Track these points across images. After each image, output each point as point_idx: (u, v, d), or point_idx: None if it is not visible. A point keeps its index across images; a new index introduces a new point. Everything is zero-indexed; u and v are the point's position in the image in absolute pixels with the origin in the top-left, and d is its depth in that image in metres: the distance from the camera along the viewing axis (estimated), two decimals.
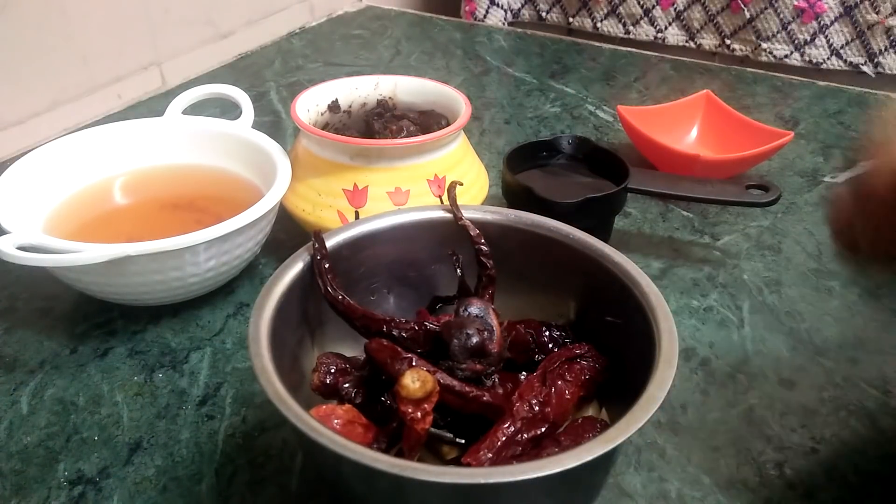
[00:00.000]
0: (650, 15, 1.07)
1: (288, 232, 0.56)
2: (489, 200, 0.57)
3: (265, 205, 0.49)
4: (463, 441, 0.36)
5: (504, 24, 1.16)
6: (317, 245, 0.39)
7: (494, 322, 0.38)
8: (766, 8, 0.99)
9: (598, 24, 1.10)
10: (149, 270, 0.46)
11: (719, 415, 0.44)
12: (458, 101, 0.56)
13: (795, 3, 0.98)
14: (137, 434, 0.42)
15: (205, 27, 0.88)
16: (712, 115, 0.72)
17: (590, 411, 0.39)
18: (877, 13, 0.95)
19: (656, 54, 0.95)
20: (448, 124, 0.55)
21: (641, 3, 1.06)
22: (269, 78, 0.87)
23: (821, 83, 0.87)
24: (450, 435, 0.36)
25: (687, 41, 1.07)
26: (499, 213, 0.43)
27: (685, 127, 0.72)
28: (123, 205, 0.57)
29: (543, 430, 0.36)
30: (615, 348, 0.39)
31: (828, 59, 1.01)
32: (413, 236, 0.43)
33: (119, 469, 0.40)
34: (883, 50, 0.98)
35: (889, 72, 0.99)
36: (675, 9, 1.05)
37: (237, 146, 0.57)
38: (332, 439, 0.29)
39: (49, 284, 0.51)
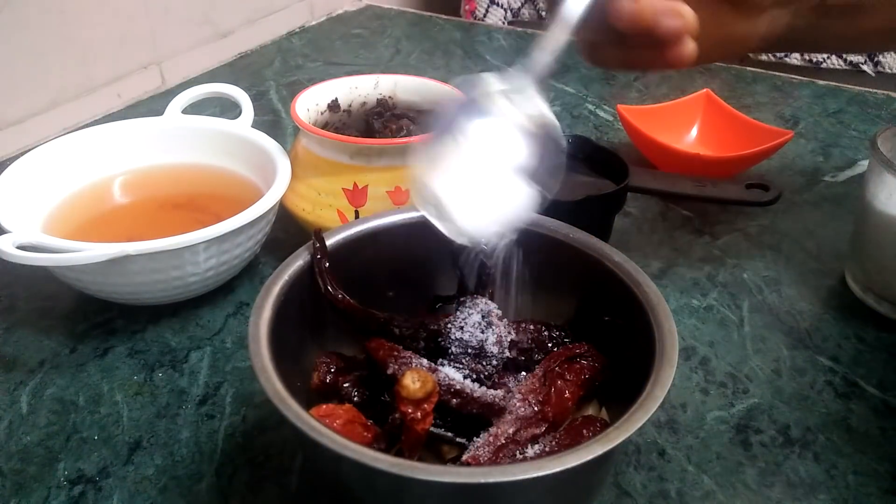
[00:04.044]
0: None
1: (288, 231, 0.56)
2: None
3: (265, 204, 0.49)
4: (463, 441, 0.36)
5: (504, 23, 1.15)
6: (317, 244, 0.39)
7: (495, 322, 0.38)
8: None
9: None
10: (148, 270, 0.46)
11: (719, 414, 0.44)
12: None
13: None
14: (137, 433, 0.42)
15: (204, 26, 0.88)
16: (712, 114, 0.72)
17: (590, 411, 0.39)
18: None
19: None
20: None
21: None
22: (268, 77, 0.87)
23: (820, 82, 0.87)
24: (450, 435, 0.36)
25: None
26: None
27: (685, 126, 0.72)
28: (123, 204, 0.57)
29: (543, 429, 0.36)
30: (615, 348, 0.39)
31: (828, 58, 1.01)
32: (413, 236, 0.43)
33: (119, 468, 0.40)
34: None
35: (889, 71, 0.99)
36: None
37: (237, 145, 0.57)
38: (332, 439, 0.29)
39: (49, 284, 0.51)
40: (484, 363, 0.38)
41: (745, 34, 0.43)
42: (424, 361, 0.37)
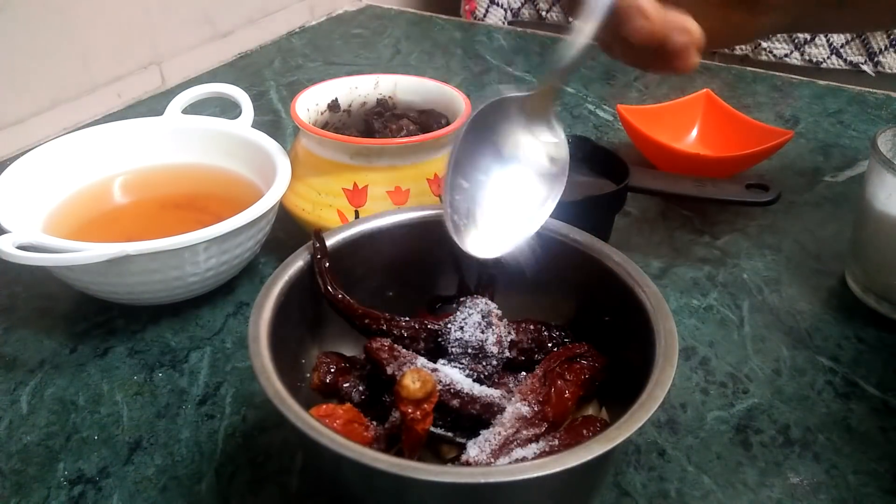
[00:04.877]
0: None
1: (288, 231, 0.56)
2: None
3: (265, 204, 0.49)
4: (463, 441, 0.36)
5: (504, 23, 1.15)
6: (317, 244, 0.39)
7: (495, 322, 0.38)
8: None
9: None
10: (149, 270, 0.46)
11: (719, 414, 0.44)
12: (457, 100, 0.56)
13: None
14: (137, 433, 0.42)
15: (204, 26, 0.88)
16: (712, 114, 0.72)
17: (590, 411, 0.39)
18: None
19: None
20: (448, 123, 0.55)
21: None
22: (268, 77, 0.87)
23: (821, 82, 0.87)
24: (450, 435, 0.36)
25: None
26: None
27: (685, 126, 0.72)
28: (123, 204, 0.57)
29: (543, 429, 0.36)
30: (615, 348, 0.39)
31: (828, 58, 1.01)
32: (413, 236, 0.43)
33: (119, 468, 0.40)
34: (883, 49, 0.98)
35: (889, 71, 0.99)
36: None
37: (237, 145, 0.57)
38: (332, 439, 0.29)
39: (49, 284, 0.51)
40: (484, 363, 0.38)
41: (751, 29, 0.46)
42: (424, 361, 0.37)
